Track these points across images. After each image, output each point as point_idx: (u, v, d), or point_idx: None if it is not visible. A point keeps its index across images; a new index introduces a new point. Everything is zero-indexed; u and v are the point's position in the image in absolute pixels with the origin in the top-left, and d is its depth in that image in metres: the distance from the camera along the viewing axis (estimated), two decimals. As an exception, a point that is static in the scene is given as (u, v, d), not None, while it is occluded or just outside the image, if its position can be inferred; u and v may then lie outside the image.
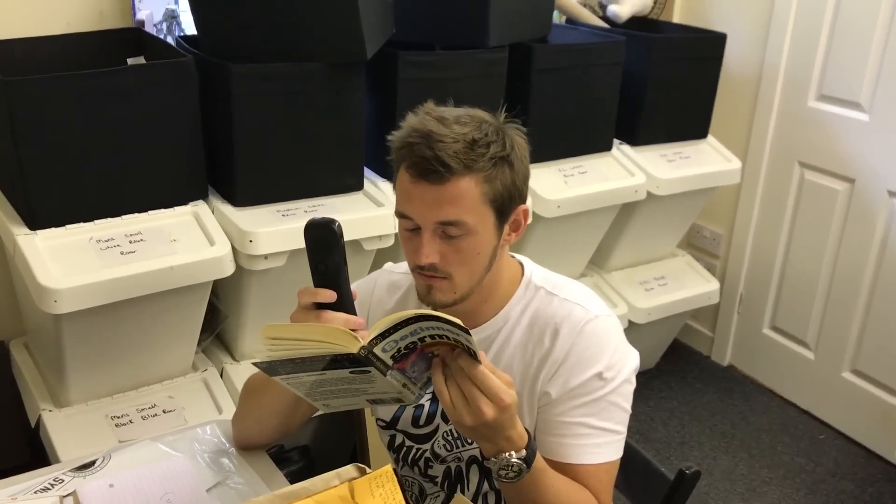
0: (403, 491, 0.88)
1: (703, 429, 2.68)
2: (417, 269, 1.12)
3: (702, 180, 2.53)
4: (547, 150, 2.26)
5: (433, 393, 1.19)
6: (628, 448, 1.20)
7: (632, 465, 1.19)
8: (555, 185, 2.24)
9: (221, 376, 1.98)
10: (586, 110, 2.31)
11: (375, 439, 1.91)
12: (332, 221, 1.03)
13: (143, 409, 1.82)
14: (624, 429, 1.17)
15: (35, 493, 1.09)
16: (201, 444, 1.25)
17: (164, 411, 1.83)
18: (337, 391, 0.99)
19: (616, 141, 2.45)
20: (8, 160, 1.66)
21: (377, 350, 0.92)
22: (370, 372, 0.94)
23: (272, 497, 0.74)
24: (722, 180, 2.60)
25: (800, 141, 2.65)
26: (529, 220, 1.18)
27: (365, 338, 0.91)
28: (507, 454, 1.01)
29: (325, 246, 1.03)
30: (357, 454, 2.05)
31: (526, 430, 1.04)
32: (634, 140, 2.47)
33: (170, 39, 2.09)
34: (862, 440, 2.61)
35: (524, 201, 1.15)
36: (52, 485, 1.10)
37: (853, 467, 2.52)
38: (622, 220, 2.51)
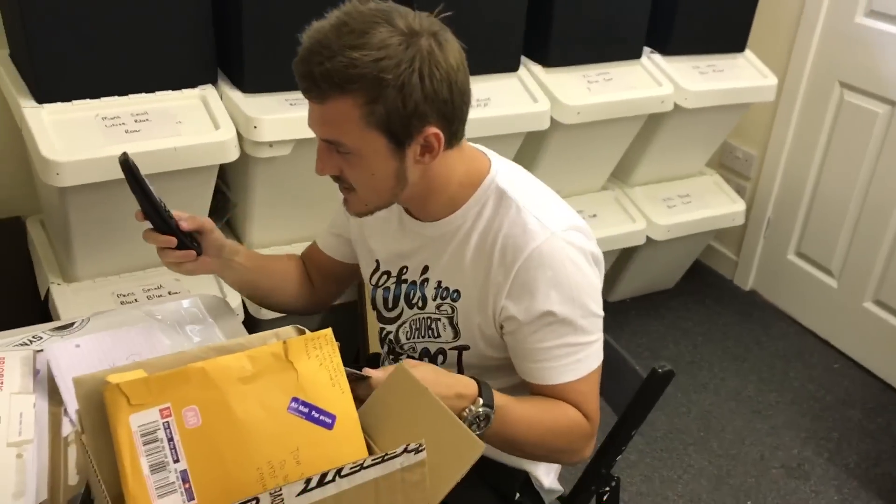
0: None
1: (716, 350, 2.65)
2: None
3: (734, 95, 2.43)
4: (571, 55, 2.19)
5: (402, 280, 1.19)
6: (606, 346, 1.18)
7: (606, 364, 1.17)
8: (577, 90, 2.17)
9: (229, 263, 2.00)
10: (616, 14, 2.22)
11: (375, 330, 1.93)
12: (122, 156, 1.11)
13: (148, 290, 1.85)
14: (600, 332, 1.14)
15: (14, 346, 1.12)
16: (183, 314, 1.27)
17: (169, 293, 1.86)
18: None
19: (646, 49, 2.36)
20: (17, 31, 1.65)
21: None
22: None
23: (206, 349, 0.75)
24: (755, 97, 2.49)
25: (843, 59, 2.52)
26: (444, 146, 1.05)
27: None
28: (467, 409, 1.01)
29: (127, 180, 1.12)
30: (360, 349, 2.09)
31: (472, 377, 1.04)
32: (666, 49, 2.38)
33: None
34: (877, 371, 2.56)
35: (434, 123, 1.02)
36: (30, 340, 1.14)
37: (864, 397, 2.48)
38: (648, 132, 2.43)
